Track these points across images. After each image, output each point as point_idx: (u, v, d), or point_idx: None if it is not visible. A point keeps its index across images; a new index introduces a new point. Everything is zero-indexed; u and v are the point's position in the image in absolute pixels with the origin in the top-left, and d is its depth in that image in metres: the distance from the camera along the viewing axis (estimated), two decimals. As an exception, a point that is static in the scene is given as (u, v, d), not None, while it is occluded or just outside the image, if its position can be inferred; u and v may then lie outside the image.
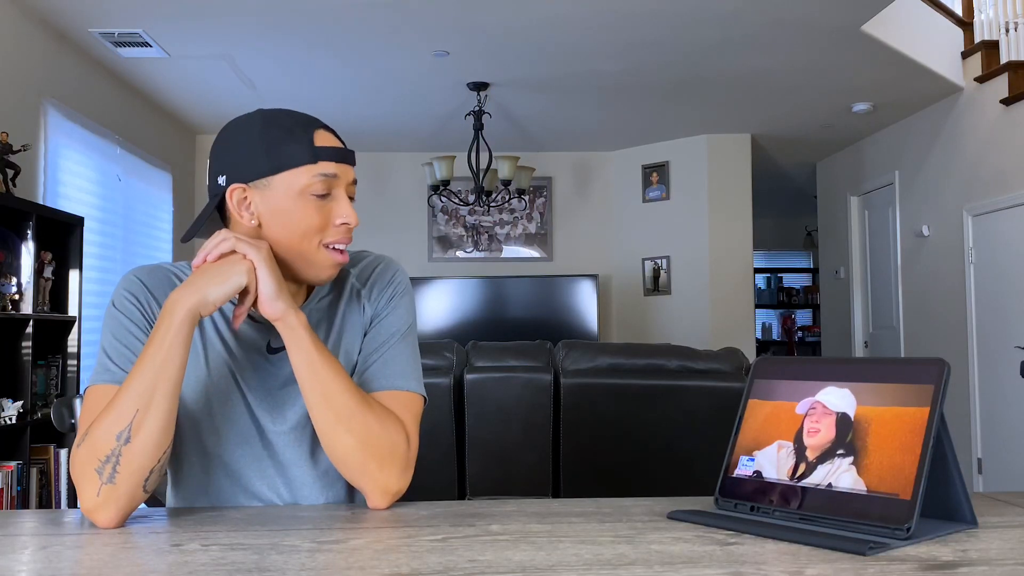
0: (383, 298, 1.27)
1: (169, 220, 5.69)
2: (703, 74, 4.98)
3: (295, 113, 1.18)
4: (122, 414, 1.03)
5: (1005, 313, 4.81)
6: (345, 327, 1.25)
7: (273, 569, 0.83)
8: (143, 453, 1.03)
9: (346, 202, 1.16)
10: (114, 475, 1.02)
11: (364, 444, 1.12)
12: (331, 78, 5.00)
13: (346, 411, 1.12)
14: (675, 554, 0.88)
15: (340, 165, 1.15)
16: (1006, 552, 0.88)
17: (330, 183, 1.14)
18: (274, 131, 1.14)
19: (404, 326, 1.26)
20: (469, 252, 7.00)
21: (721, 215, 6.49)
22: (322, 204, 1.14)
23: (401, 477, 1.15)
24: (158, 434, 1.04)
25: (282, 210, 1.14)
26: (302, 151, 1.13)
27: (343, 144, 1.19)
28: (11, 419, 3.22)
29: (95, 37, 4.28)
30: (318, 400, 1.12)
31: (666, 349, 3.50)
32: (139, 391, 1.03)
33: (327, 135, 1.17)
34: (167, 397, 1.05)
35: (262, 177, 1.14)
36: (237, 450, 1.21)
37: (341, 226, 1.16)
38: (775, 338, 9.77)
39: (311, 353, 1.11)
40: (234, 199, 1.15)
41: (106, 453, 1.02)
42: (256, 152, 1.13)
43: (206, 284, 1.07)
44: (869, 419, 0.99)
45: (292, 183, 1.13)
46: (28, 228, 3.42)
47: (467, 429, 3.46)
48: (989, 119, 4.96)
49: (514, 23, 4.17)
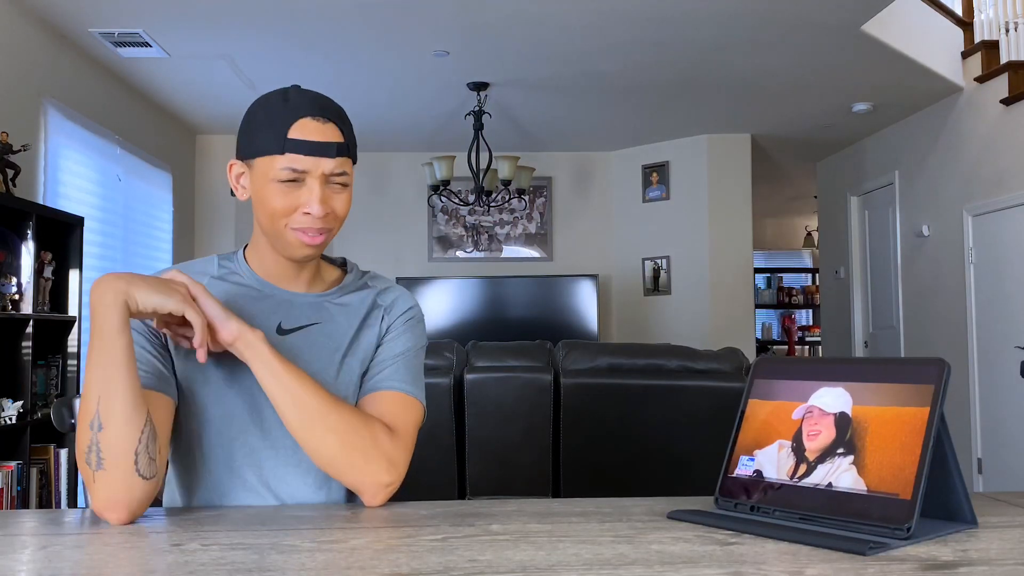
0: (402, 318, 1.32)
1: (169, 220, 5.69)
2: (703, 74, 4.98)
3: (293, 98, 1.19)
4: (89, 405, 1.06)
5: (1005, 313, 4.81)
6: (362, 334, 1.29)
7: (273, 569, 0.83)
8: (118, 436, 1.05)
9: (315, 193, 1.17)
10: (100, 462, 1.05)
11: (344, 440, 1.14)
12: (331, 78, 5.00)
13: (320, 411, 1.14)
14: (675, 554, 0.88)
15: (310, 158, 1.17)
16: (1006, 552, 0.88)
17: (296, 175, 1.17)
18: (260, 116, 1.20)
19: (417, 346, 1.32)
20: (469, 252, 7.00)
21: (721, 215, 6.49)
22: (289, 191, 1.18)
23: (389, 470, 1.16)
24: (126, 414, 1.06)
25: (259, 191, 1.21)
26: (273, 141, 1.17)
27: (342, 135, 1.20)
28: (11, 419, 3.22)
29: (95, 37, 4.28)
30: (290, 407, 1.14)
31: (666, 349, 3.50)
32: (96, 379, 1.06)
33: (308, 125, 1.17)
34: (122, 379, 1.06)
35: (248, 158, 1.21)
36: (239, 437, 1.22)
37: (304, 215, 1.18)
38: (775, 338, 9.77)
39: (274, 365, 1.14)
40: (233, 173, 1.25)
41: (87, 444, 1.05)
42: (247, 132, 1.21)
43: (139, 285, 1.09)
44: (869, 419, 0.99)
45: (264, 169, 1.19)
46: (28, 228, 3.42)
47: (467, 429, 3.46)
48: (989, 119, 4.96)
49: (514, 23, 4.17)
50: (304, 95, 1.20)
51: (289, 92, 1.21)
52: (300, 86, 1.23)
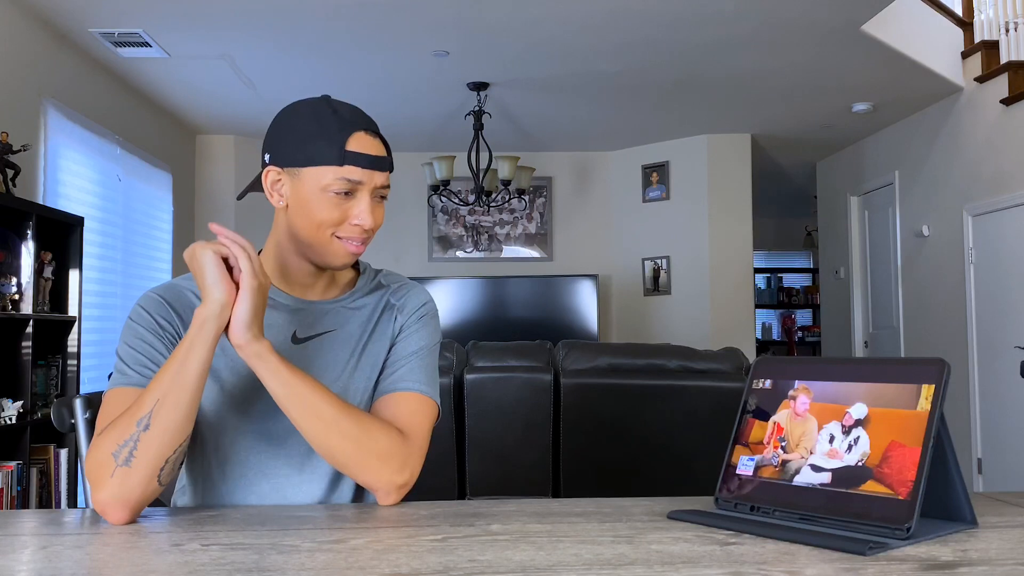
0: (415, 315, 1.33)
1: (169, 220, 5.69)
2: (703, 74, 4.98)
3: (344, 112, 1.22)
4: (145, 404, 1.07)
5: (1005, 313, 4.81)
6: (375, 334, 1.30)
7: (273, 569, 0.83)
8: (160, 441, 1.06)
9: (366, 205, 1.21)
10: (130, 458, 1.05)
11: (359, 442, 1.15)
12: (331, 78, 5.00)
13: (333, 417, 1.14)
14: (675, 554, 0.88)
15: (367, 171, 1.20)
16: (1006, 552, 0.88)
17: (352, 187, 1.19)
18: (313, 126, 1.20)
19: (431, 342, 1.33)
20: (469, 252, 7.00)
21: (721, 215, 6.48)
22: (342, 202, 1.20)
23: (403, 470, 1.17)
24: (177, 423, 1.08)
25: (305, 200, 1.20)
26: (332, 151, 1.18)
27: (386, 149, 1.24)
28: (11, 419, 3.22)
29: (95, 37, 4.28)
30: (303, 414, 1.14)
31: (666, 349, 3.50)
32: (162, 383, 1.08)
33: (363, 139, 1.21)
34: (187, 391, 1.08)
35: (295, 167, 1.20)
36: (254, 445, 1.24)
37: (355, 226, 1.21)
38: (775, 338, 9.77)
39: (284, 374, 1.13)
40: (268, 180, 1.24)
41: (125, 438, 1.06)
42: (295, 141, 1.20)
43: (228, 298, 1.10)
44: (869, 419, 0.99)
45: (318, 178, 1.19)
46: (28, 228, 3.42)
47: (467, 429, 3.46)
48: (989, 119, 4.96)
49: (514, 23, 4.17)
50: (346, 107, 1.23)
51: (332, 104, 1.22)
52: (331, 96, 1.25)
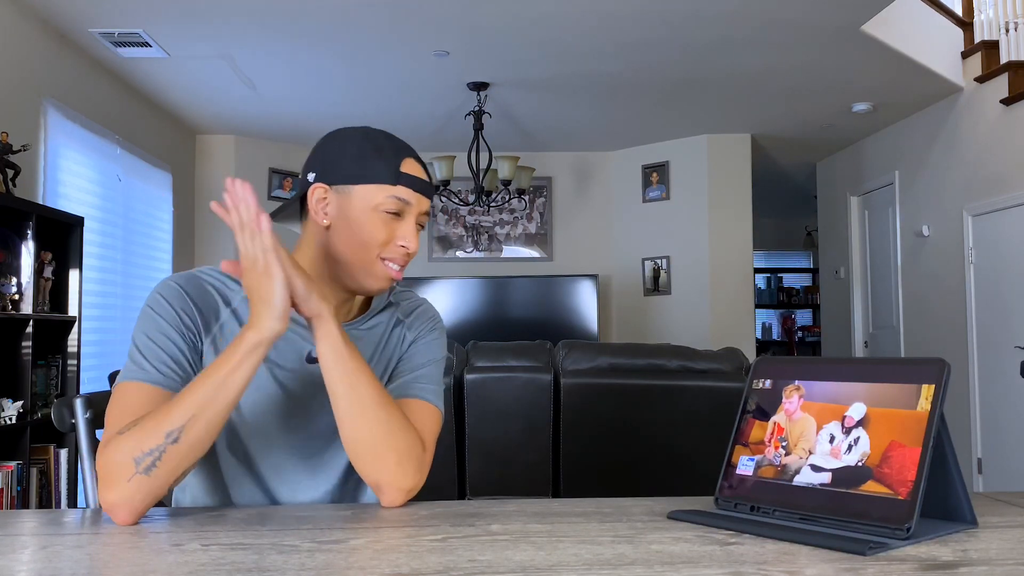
0: (424, 329, 1.36)
1: (169, 220, 5.69)
2: (703, 74, 4.98)
3: (395, 138, 1.27)
4: (176, 416, 1.06)
5: (1005, 313, 4.81)
6: (385, 351, 1.32)
7: (273, 569, 0.83)
8: (186, 456, 1.07)
9: (412, 228, 1.24)
10: (152, 468, 1.05)
11: (385, 437, 1.16)
12: (331, 78, 5.00)
13: (371, 402, 1.15)
14: (675, 554, 0.88)
15: (416, 194, 1.24)
16: (1006, 552, 0.88)
17: (403, 207, 1.23)
18: (369, 146, 1.24)
19: (439, 356, 1.36)
20: (469, 252, 7.00)
21: (721, 215, 6.48)
22: (390, 221, 1.23)
23: (416, 475, 1.18)
24: (204, 442, 1.08)
25: (354, 218, 1.22)
26: (387, 171, 1.22)
27: (428, 178, 1.27)
28: (11, 419, 3.22)
29: (95, 37, 4.28)
30: (344, 389, 1.15)
31: (666, 349, 3.50)
32: (198, 398, 1.07)
33: (415, 165, 1.25)
34: (221, 412, 1.08)
35: (346, 184, 1.22)
36: (268, 456, 1.25)
37: (400, 248, 1.23)
38: (775, 338, 9.77)
39: (339, 346, 1.15)
40: (314, 197, 1.24)
41: (151, 447, 1.05)
42: (348, 160, 1.23)
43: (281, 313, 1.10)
44: (869, 419, 0.99)
45: (370, 197, 1.22)
46: (28, 228, 3.42)
47: (467, 429, 3.46)
48: (989, 119, 4.96)
49: (514, 23, 4.17)
50: (389, 135, 1.27)
51: (375, 130, 1.27)
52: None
